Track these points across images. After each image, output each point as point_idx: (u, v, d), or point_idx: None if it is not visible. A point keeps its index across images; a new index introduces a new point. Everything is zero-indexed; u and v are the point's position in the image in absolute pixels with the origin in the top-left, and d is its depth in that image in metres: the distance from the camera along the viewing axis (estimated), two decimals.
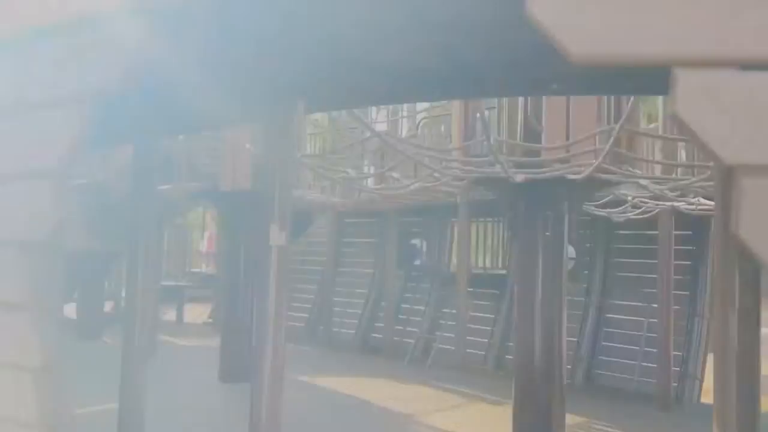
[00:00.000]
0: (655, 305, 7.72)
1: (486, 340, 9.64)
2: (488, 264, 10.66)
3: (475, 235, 10.44)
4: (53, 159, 1.78)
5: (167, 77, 2.10)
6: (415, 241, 11.48)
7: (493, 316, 9.81)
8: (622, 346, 8.60)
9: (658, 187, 4.85)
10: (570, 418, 6.46)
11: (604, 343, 8.79)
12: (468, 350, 9.43)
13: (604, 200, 6.38)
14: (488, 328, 9.72)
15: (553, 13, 1.26)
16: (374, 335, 11.13)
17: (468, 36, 2.03)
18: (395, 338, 10.55)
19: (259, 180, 6.99)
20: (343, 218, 11.42)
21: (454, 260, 10.46)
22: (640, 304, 8.41)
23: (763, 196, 1.20)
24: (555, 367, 5.35)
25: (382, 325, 10.92)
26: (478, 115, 4.07)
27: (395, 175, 5.53)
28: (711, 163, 3.02)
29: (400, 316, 10.92)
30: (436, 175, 4.81)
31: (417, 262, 11.41)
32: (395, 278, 10.83)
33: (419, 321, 10.62)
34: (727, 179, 1.24)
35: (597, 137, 4.45)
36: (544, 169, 4.23)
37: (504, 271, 10.14)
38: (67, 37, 1.70)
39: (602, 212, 6.83)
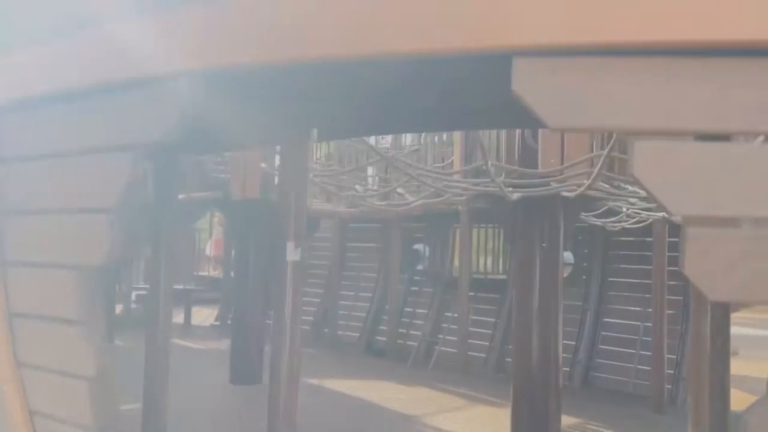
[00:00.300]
0: (650, 309, 7.94)
1: (487, 343, 9.75)
2: (489, 269, 10.84)
3: (476, 240, 10.59)
4: (111, 197, 2.07)
5: (206, 115, 2.39)
6: (418, 246, 11.62)
7: (493, 319, 9.94)
8: (618, 349, 8.79)
9: (646, 205, 5.12)
10: (567, 420, 6.65)
11: (601, 347, 8.98)
12: (469, 353, 9.55)
13: (599, 211, 6.62)
14: (489, 331, 9.86)
15: (532, 92, 1.55)
16: (378, 338, 11.21)
17: (460, 88, 2.31)
18: (398, 341, 10.65)
19: (268, 190, 7.28)
20: (348, 223, 11.49)
21: (456, 265, 10.58)
22: (635, 308, 8.62)
23: (701, 241, 1.49)
24: (551, 369, 5.60)
25: (385, 328, 10.97)
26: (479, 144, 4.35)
27: (400, 190, 5.80)
28: None
29: (403, 320, 11.01)
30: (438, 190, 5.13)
31: (420, 267, 11.53)
32: (398, 282, 10.85)
33: (422, 324, 10.71)
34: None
35: (592, 159, 4.71)
36: (539, 189, 4.49)
37: (504, 276, 10.29)
38: (128, 93, 1.98)
39: (598, 222, 7.07)
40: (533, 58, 1.54)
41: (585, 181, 4.20)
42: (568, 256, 8.76)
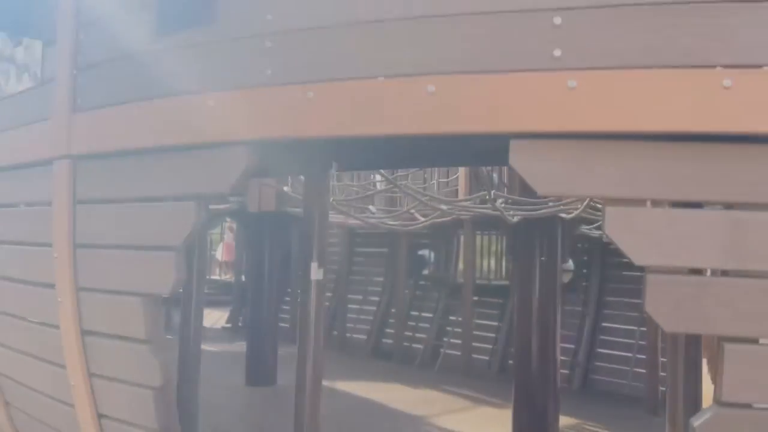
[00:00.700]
0: (646, 315, 8.28)
1: (490, 346, 10.10)
2: (492, 275, 11.19)
3: (479, 246, 10.95)
4: (179, 237, 2.49)
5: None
6: (424, 252, 11.91)
7: (496, 323, 10.30)
8: (616, 353, 9.14)
9: None
10: (566, 420, 7.01)
11: (599, 350, 9.35)
12: (473, 355, 9.89)
13: (597, 224, 6.99)
14: (492, 335, 10.22)
15: (525, 166, 1.97)
16: (385, 341, 11.51)
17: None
18: (405, 344, 10.97)
19: (282, 204, 7.73)
20: (356, 230, 11.82)
21: (461, 270, 10.86)
22: (632, 313, 8.98)
23: (657, 286, 1.90)
24: (550, 371, 6.00)
25: (392, 331, 11.30)
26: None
27: (411, 211, 6.21)
28: None
29: (410, 323, 11.31)
30: (444, 209, 5.55)
31: (425, 272, 11.84)
32: (405, 287, 11.18)
33: (427, 328, 11.00)
34: None
35: None
36: (538, 212, 4.88)
37: (507, 282, 10.63)
38: (196, 152, 2.40)
39: (596, 233, 7.46)
40: (526, 140, 1.95)
41: (579, 206, 4.59)
42: (569, 263, 9.11)
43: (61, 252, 2.90)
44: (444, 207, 5.52)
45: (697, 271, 1.94)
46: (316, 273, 3.92)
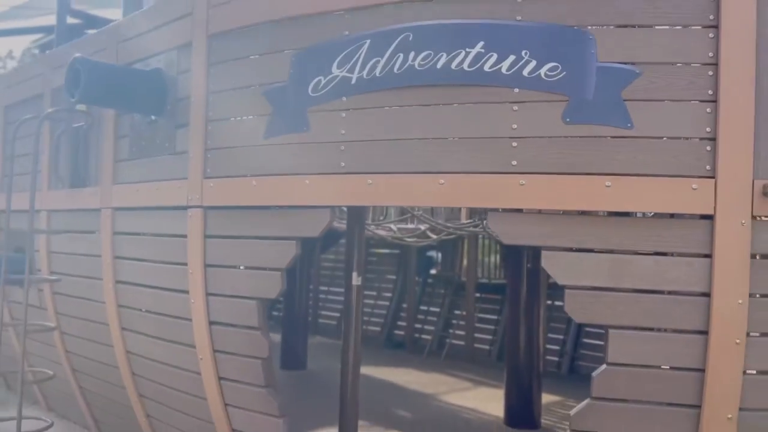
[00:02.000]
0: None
1: (490, 337, 11.29)
2: (492, 274, 12.45)
3: (481, 249, 12.29)
4: (283, 263, 3.94)
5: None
6: (431, 253, 13.02)
7: (496, 317, 11.58)
8: (599, 342, 10.51)
9: None
10: (552, 398, 8.31)
11: (584, 340, 10.73)
12: (475, 345, 11.19)
13: None
14: (492, 327, 11.45)
15: (496, 227, 3.42)
16: (397, 332, 12.68)
17: None
18: (415, 335, 12.24)
19: None
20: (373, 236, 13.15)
21: (464, 270, 12.10)
22: None
23: (573, 296, 3.34)
24: (534, 358, 7.37)
25: (404, 323, 12.51)
26: None
27: (423, 229, 7.65)
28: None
29: (419, 317, 12.44)
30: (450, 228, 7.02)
31: (433, 272, 12.99)
32: (415, 285, 12.42)
33: (435, 321, 12.13)
34: None
35: None
36: None
37: (505, 281, 12.00)
38: (296, 210, 3.85)
39: None
40: (496, 212, 3.40)
41: None
42: None
43: (194, 269, 4.36)
44: (450, 226, 6.97)
45: (594, 288, 3.36)
46: (356, 280, 5.36)
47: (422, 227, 7.53)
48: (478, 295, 11.47)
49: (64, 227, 5.89)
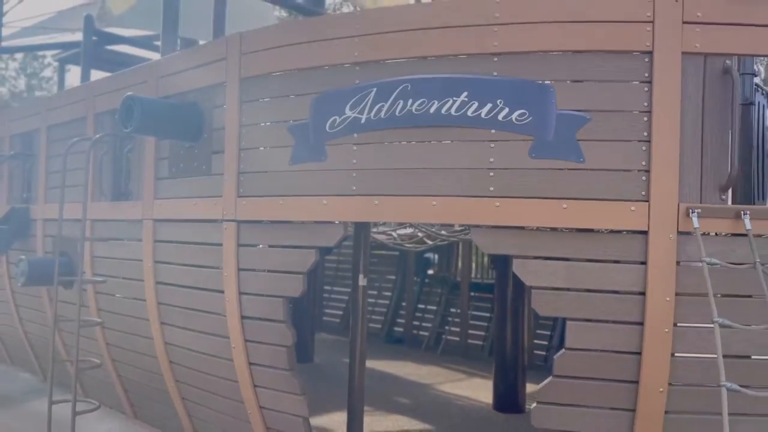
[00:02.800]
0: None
1: (483, 333, 11.94)
2: (485, 275, 13.17)
3: (475, 251, 13.03)
4: (305, 268, 4.81)
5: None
6: (428, 255, 13.61)
7: (488, 315, 12.40)
8: None
9: None
10: (534, 387, 9.02)
11: None
12: (469, 341, 11.91)
13: None
14: (485, 323, 12.21)
15: (478, 239, 4.28)
16: (396, 329, 13.41)
17: None
18: (414, 331, 12.93)
19: None
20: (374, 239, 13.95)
21: (459, 271, 12.80)
22: None
23: (538, 295, 4.21)
24: (519, 352, 8.22)
25: (403, 321, 13.25)
26: None
27: (421, 236, 8.55)
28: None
29: (417, 314, 13.04)
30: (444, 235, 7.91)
31: (430, 272, 13.67)
32: (413, 284, 13.18)
33: (432, 318, 12.78)
34: None
35: None
36: None
37: None
38: (316, 224, 4.71)
39: None
40: (478, 228, 4.26)
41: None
42: None
43: (229, 272, 5.22)
44: (444, 233, 7.85)
45: (554, 288, 4.22)
46: (362, 281, 6.21)
47: (420, 234, 8.42)
48: (472, 294, 12.24)
49: (106, 235, 6.73)
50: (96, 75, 10.38)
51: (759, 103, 4.90)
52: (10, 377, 9.29)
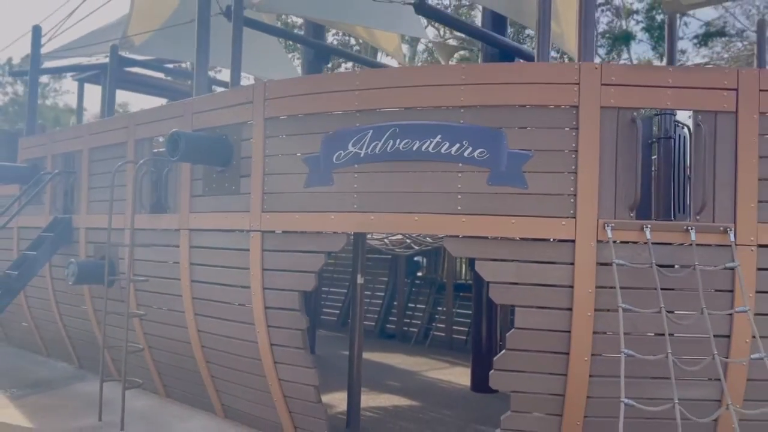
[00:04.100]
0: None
1: (466, 329, 13.16)
2: (468, 277, 14.33)
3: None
4: (316, 268, 6.17)
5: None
6: (418, 258, 14.83)
7: (471, 312, 13.66)
8: None
9: None
10: None
11: None
12: (453, 336, 13.25)
13: None
14: (467, 320, 13.59)
15: (450, 247, 5.68)
16: (389, 326, 14.60)
17: None
18: (404, 328, 14.13)
19: None
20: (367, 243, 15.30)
21: (445, 273, 14.14)
22: None
23: (494, 287, 5.61)
24: (493, 341, 9.59)
25: (394, 318, 14.48)
26: None
27: (409, 242, 9.94)
28: None
29: (407, 312, 14.30)
30: (430, 241, 9.32)
31: (419, 274, 14.79)
32: (403, 285, 14.41)
33: (421, 315, 14.02)
34: None
35: None
36: None
37: None
38: (323, 234, 6.07)
39: None
40: (450, 237, 5.64)
41: None
42: None
43: (255, 271, 6.58)
44: (429, 240, 9.24)
45: (507, 283, 5.58)
46: (360, 279, 7.59)
47: (408, 240, 9.81)
48: (456, 293, 13.55)
49: (145, 242, 8.06)
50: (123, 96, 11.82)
51: (678, 135, 6.24)
52: (50, 366, 10.57)
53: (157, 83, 16.30)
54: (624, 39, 33.35)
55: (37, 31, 11.42)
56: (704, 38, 32.14)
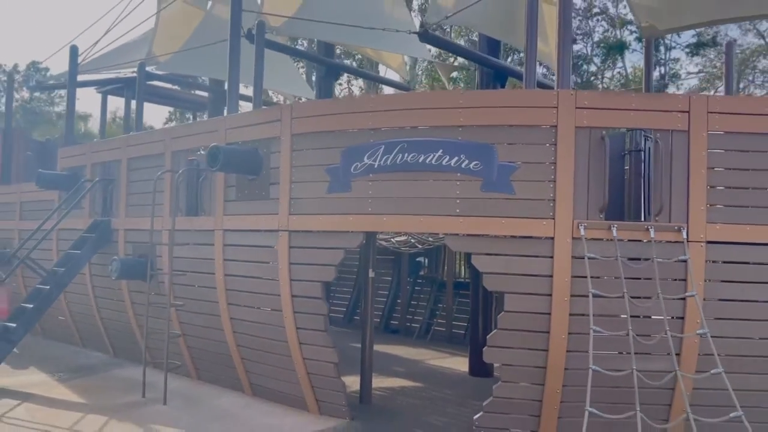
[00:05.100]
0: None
1: (465, 324, 14.21)
2: (467, 275, 15.43)
3: (458, 255, 15.33)
4: (336, 261, 7.28)
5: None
6: (420, 258, 15.86)
7: (469, 308, 14.64)
8: None
9: None
10: None
11: None
12: (453, 330, 14.30)
13: None
14: (466, 315, 14.63)
15: (451, 243, 6.80)
16: (392, 321, 15.56)
17: None
18: (407, 323, 15.08)
19: None
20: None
21: (446, 272, 15.15)
22: None
23: (487, 277, 6.72)
24: (488, 330, 10.66)
25: (398, 314, 15.42)
26: None
27: (413, 242, 11.05)
28: None
29: (410, 309, 15.25)
30: (431, 240, 10.40)
31: (421, 273, 15.76)
32: (406, 283, 15.41)
33: (422, 312, 14.99)
34: None
35: None
36: None
37: None
38: (343, 232, 7.17)
39: None
40: (451, 235, 6.75)
41: None
42: None
43: (282, 265, 7.67)
44: (431, 240, 10.36)
45: (498, 273, 6.67)
46: (371, 273, 8.69)
47: (412, 240, 10.92)
48: (456, 291, 14.57)
49: (182, 242, 9.16)
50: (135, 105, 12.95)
51: (648, 148, 7.28)
52: (86, 355, 11.66)
53: (173, 95, 17.46)
54: (618, 48, 34.57)
55: (74, 51, 12.53)
56: (695, 48, 33.37)
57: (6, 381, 9.46)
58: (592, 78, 36.30)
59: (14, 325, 9.60)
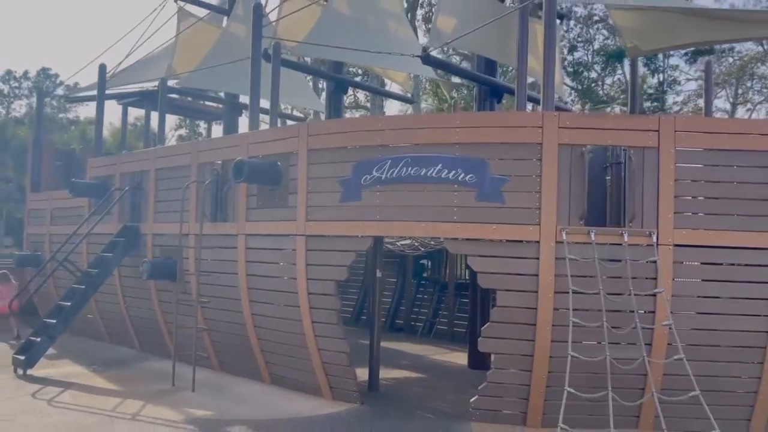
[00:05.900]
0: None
1: (466, 323, 15.29)
2: (468, 277, 16.39)
3: (459, 258, 16.15)
4: (347, 262, 8.21)
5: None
6: (423, 261, 16.65)
7: (469, 308, 15.83)
8: None
9: None
10: None
11: None
12: (455, 329, 15.12)
13: None
14: (467, 315, 15.61)
15: (450, 246, 7.75)
16: (397, 321, 16.46)
17: None
18: (411, 322, 16.03)
19: None
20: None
21: (448, 274, 15.97)
22: None
23: (482, 276, 7.66)
24: None
25: (403, 314, 16.35)
26: None
27: (417, 245, 12.01)
28: None
29: (414, 308, 16.14)
30: (433, 244, 11.33)
31: (424, 275, 16.53)
32: (411, 285, 16.38)
33: (426, 311, 15.87)
34: None
35: None
36: None
37: None
38: (356, 236, 8.11)
39: None
40: (450, 239, 7.68)
41: None
42: None
43: (300, 266, 8.60)
44: (433, 243, 11.30)
45: (491, 272, 7.59)
46: (379, 273, 9.61)
47: (416, 243, 11.87)
48: (457, 292, 15.40)
49: (207, 245, 10.10)
50: (154, 115, 13.91)
51: (625, 161, 8.18)
52: (114, 350, 12.61)
53: (188, 106, 18.45)
54: (617, 56, 35.49)
55: (102, 69, 13.53)
56: (693, 55, 34.27)
57: (47, 371, 10.41)
58: (593, 84, 37.26)
59: (54, 321, 10.57)
